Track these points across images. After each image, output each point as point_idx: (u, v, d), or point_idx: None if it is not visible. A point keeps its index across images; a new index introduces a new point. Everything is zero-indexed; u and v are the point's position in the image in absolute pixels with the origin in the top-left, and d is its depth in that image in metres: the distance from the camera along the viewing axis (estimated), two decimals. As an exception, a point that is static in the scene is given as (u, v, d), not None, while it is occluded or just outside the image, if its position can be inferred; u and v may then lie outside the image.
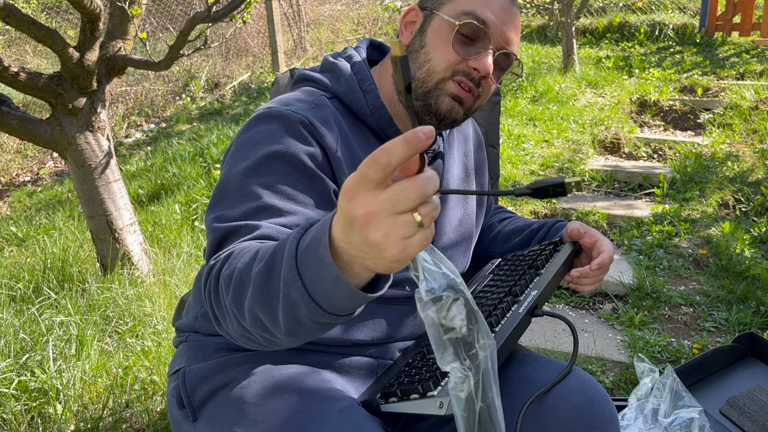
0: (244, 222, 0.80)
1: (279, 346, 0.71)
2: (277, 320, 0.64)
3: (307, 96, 0.97)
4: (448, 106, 0.95)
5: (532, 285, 0.99)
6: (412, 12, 1.00)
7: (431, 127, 0.50)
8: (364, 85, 0.99)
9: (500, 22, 0.94)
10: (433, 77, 0.94)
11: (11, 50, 6.87)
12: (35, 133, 2.35)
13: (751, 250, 2.67)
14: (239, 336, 0.72)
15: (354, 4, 7.95)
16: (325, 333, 0.68)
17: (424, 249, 0.57)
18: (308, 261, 0.59)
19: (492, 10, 0.93)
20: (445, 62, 0.93)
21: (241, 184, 0.85)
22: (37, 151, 5.25)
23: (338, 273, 0.57)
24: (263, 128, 0.90)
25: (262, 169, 0.85)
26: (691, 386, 1.61)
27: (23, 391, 1.79)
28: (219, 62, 6.39)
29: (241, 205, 0.83)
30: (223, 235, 0.81)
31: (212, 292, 0.73)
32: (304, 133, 0.89)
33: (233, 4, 2.36)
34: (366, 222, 0.52)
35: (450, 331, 0.58)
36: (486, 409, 0.60)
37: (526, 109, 4.68)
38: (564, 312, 2.39)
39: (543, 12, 6.66)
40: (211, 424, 0.89)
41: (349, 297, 0.59)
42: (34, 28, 2.08)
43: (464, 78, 0.93)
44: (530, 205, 3.29)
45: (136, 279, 2.49)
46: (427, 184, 0.51)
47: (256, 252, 0.68)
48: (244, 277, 0.67)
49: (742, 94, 4.37)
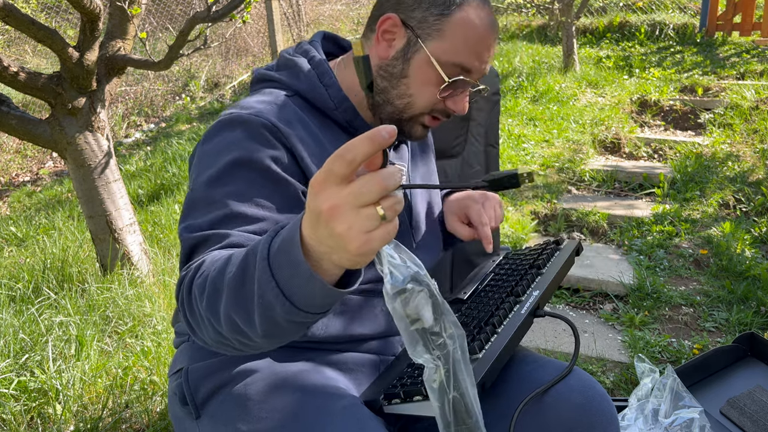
0: (213, 231, 0.80)
1: (255, 349, 0.72)
2: (253, 323, 0.65)
3: (268, 97, 0.96)
4: (420, 133, 1.00)
5: (533, 285, 0.99)
6: (389, 21, 0.94)
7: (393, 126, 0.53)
8: (324, 80, 0.98)
9: (483, 63, 0.95)
10: (410, 112, 0.97)
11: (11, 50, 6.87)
12: (35, 133, 2.35)
13: (751, 250, 2.66)
14: (215, 342, 0.73)
15: (354, 4, 7.95)
16: (301, 333, 0.69)
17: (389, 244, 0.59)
18: (281, 261, 0.61)
19: (479, 53, 0.94)
20: (425, 102, 0.96)
21: (208, 194, 0.84)
22: (37, 151, 5.25)
23: (310, 271, 0.58)
24: (226, 135, 0.89)
25: (226, 177, 0.85)
26: (692, 386, 1.61)
27: (23, 391, 1.79)
28: (219, 62, 6.39)
29: (209, 214, 0.83)
30: (193, 245, 0.81)
31: (185, 302, 0.74)
32: (268, 136, 0.88)
33: (233, 4, 2.35)
34: (330, 215, 0.54)
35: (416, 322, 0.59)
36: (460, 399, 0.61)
37: (526, 109, 4.68)
38: (564, 312, 2.39)
39: (543, 12, 6.65)
40: (214, 421, 0.90)
41: (323, 294, 0.60)
42: (34, 28, 2.08)
43: (440, 114, 0.98)
44: (530, 205, 3.29)
45: (136, 279, 2.49)
46: (390, 179, 0.54)
47: (228, 258, 0.69)
48: (218, 283, 0.68)
49: (742, 94, 4.37)
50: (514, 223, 3.02)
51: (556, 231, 3.12)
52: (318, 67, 0.99)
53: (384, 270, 0.59)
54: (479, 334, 0.87)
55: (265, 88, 1.01)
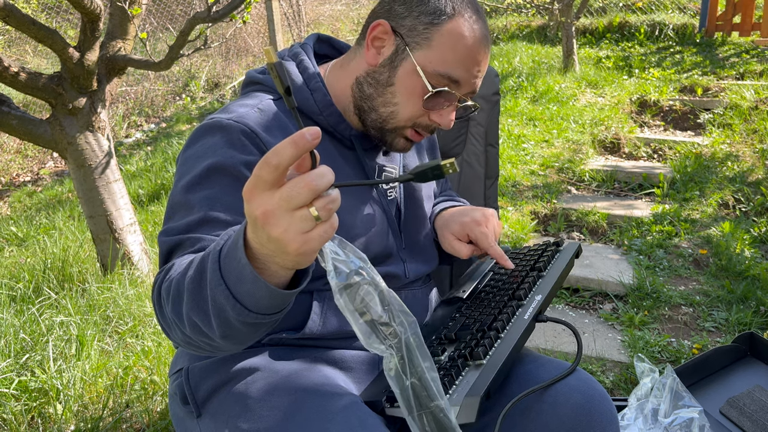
0: (187, 235, 0.82)
1: (220, 350, 0.74)
2: (211, 325, 0.67)
3: (253, 101, 0.97)
4: (402, 146, 0.99)
5: (535, 289, 0.99)
6: (379, 28, 0.94)
7: (317, 128, 0.53)
8: (310, 84, 0.98)
9: (473, 75, 0.94)
10: (394, 122, 0.96)
11: (11, 50, 6.87)
12: (35, 133, 2.35)
13: (751, 250, 2.67)
14: (184, 343, 0.75)
15: (354, 4, 7.95)
16: (260, 335, 0.71)
17: (332, 241, 0.61)
18: (229, 264, 0.62)
19: (468, 65, 0.92)
20: (409, 113, 0.95)
21: (185, 199, 0.87)
22: (37, 151, 5.25)
23: (255, 273, 0.60)
24: (206, 141, 0.91)
25: (203, 182, 0.87)
26: (691, 386, 1.61)
27: (23, 391, 1.79)
28: (219, 62, 6.39)
29: (184, 218, 0.85)
30: (168, 249, 0.83)
31: (156, 304, 0.76)
32: (245, 142, 0.89)
33: (233, 4, 2.36)
34: (265, 221, 0.55)
35: (364, 314, 0.60)
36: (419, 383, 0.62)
37: (526, 109, 4.68)
38: (564, 312, 2.39)
39: (543, 12, 6.66)
40: (215, 420, 0.90)
41: (269, 295, 0.62)
42: (34, 28, 2.08)
43: (423, 129, 0.97)
44: (530, 205, 3.29)
45: (136, 279, 2.49)
46: (320, 179, 0.54)
47: (191, 262, 0.71)
48: (180, 286, 0.70)
49: (742, 94, 4.37)
50: (513, 223, 3.02)
51: (556, 231, 3.13)
52: (305, 71, 0.99)
53: (328, 267, 0.60)
54: (483, 339, 0.87)
55: (253, 91, 1.02)
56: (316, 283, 0.95)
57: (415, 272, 1.06)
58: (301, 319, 0.94)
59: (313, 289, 0.95)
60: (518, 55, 5.88)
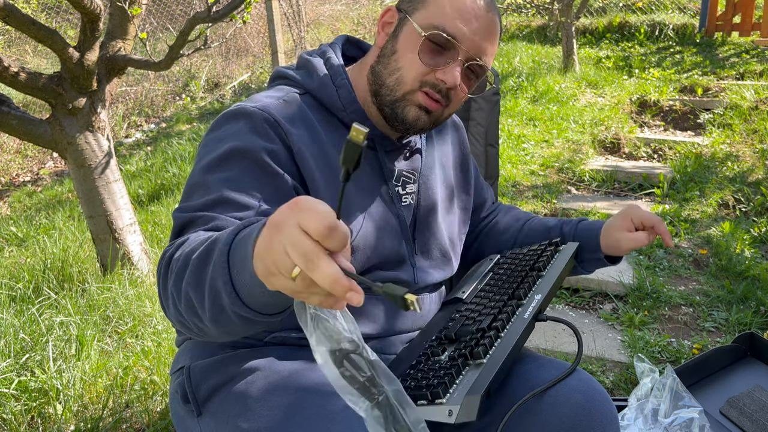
0: (201, 213, 0.83)
1: (210, 336, 0.74)
2: (204, 305, 0.67)
3: (277, 93, 0.99)
4: (415, 115, 0.96)
5: (535, 288, 0.99)
6: (389, 12, 0.99)
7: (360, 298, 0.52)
8: (336, 81, 1.00)
9: (471, 32, 0.93)
10: (402, 87, 0.95)
11: (11, 50, 6.87)
12: (35, 133, 2.35)
13: (751, 250, 2.67)
14: (176, 321, 0.75)
15: (354, 4, 7.95)
16: (250, 332, 0.71)
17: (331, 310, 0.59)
18: (238, 252, 0.62)
19: (464, 20, 0.92)
20: (413, 73, 0.94)
21: (203, 179, 0.88)
22: (37, 151, 5.25)
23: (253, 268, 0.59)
24: (230, 126, 0.92)
25: (223, 164, 0.88)
26: (691, 386, 1.61)
27: (23, 391, 1.79)
28: (219, 62, 6.39)
29: (201, 197, 0.86)
30: (181, 225, 0.84)
31: (162, 276, 0.76)
32: (268, 130, 0.90)
33: (233, 4, 2.36)
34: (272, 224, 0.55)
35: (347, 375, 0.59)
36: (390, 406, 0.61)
37: (526, 109, 4.68)
38: (564, 312, 2.39)
39: (543, 12, 6.66)
40: (215, 419, 0.90)
41: (262, 293, 0.61)
42: (34, 28, 2.08)
43: (431, 89, 0.94)
44: (530, 205, 3.29)
45: (136, 279, 2.49)
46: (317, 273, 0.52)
47: (204, 239, 0.71)
48: (187, 261, 0.70)
49: (742, 94, 4.37)
50: (513, 223, 3.02)
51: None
52: (332, 68, 1.01)
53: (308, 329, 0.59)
54: (483, 338, 0.87)
55: (279, 84, 1.04)
56: None
57: (424, 279, 1.05)
58: None
59: None
60: (518, 55, 5.88)
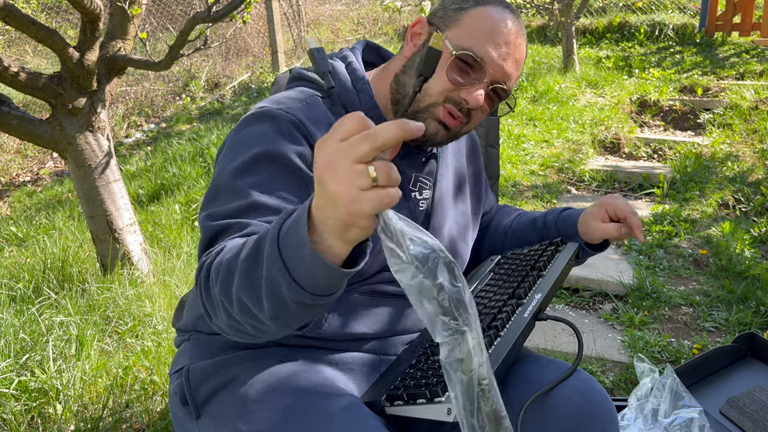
0: (235, 220, 0.82)
1: (268, 334, 0.73)
2: (262, 305, 0.66)
3: (300, 95, 0.99)
4: (434, 129, 0.97)
5: (535, 287, 0.99)
6: (419, 24, 1.01)
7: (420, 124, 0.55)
8: (357, 85, 1.01)
9: (500, 57, 0.94)
10: (426, 100, 0.95)
11: (11, 50, 6.87)
12: (35, 133, 2.35)
13: (751, 250, 2.67)
14: (228, 327, 0.74)
15: (354, 4, 7.95)
16: (310, 316, 0.71)
17: (404, 222, 0.57)
18: (289, 240, 0.62)
19: (494, 45, 0.94)
20: (439, 88, 0.94)
21: (232, 184, 0.87)
22: (37, 151, 5.25)
23: (313, 250, 0.60)
24: (255, 128, 0.92)
25: (252, 168, 0.88)
26: (691, 386, 1.61)
27: (23, 391, 1.79)
28: (219, 62, 6.39)
29: (232, 203, 0.85)
30: (214, 233, 0.84)
31: (203, 286, 0.75)
32: (294, 132, 0.91)
33: (233, 4, 2.36)
34: (323, 171, 0.56)
35: (441, 291, 0.55)
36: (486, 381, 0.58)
37: (526, 109, 4.68)
38: (564, 312, 2.39)
39: (543, 12, 6.65)
40: (214, 421, 0.90)
41: (326, 274, 0.61)
42: (34, 28, 2.08)
43: (454, 107, 0.95)
44: (530, 205, 3.29)
45: (136, 279, 2.49)
46: (382, 133, 0.55)
47: (244, 243, 0.71)
48: (232, 266, 0.70)
49: (742, 94, 4.37)
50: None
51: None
52: (353, 72, 1.02)
53: (400, 242, 0.55)
54: (483, 336, 0.87)
55: (299, 86, 1.05)
56: None
57: None
58: None
59: None
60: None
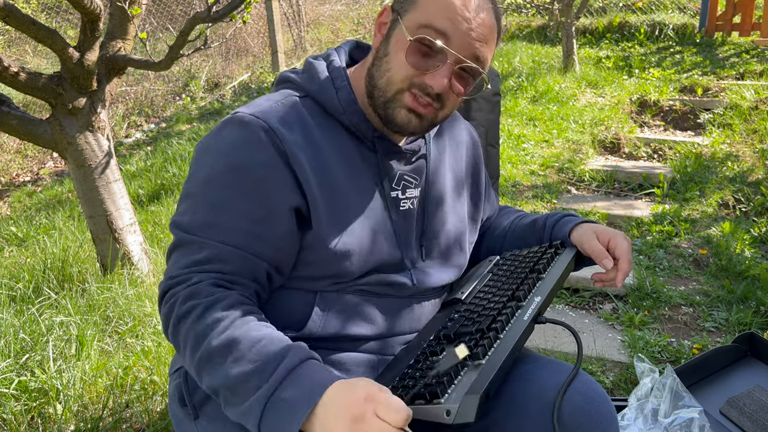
0: (191, 237, 0.89)
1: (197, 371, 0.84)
2: (223, 399, 0.79)
3: (278, 97, 0.99)
4: (404, 118, 0.94)
5: (534, 290, 0.98)
6: (384, 12, 0.97)
7: None
8: (336, 83, 0.99)
9: (462, 34, 0.90)
10: (391, 88, 0.93)
11: (11, 50, 6.87)
12: (35, 133, 2.35)
13: (751, 250, 2.67)
14: (175, 346, 0.87)
15: (354, 4, 7.95)
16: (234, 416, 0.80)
17: None
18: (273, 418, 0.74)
19: (453, 20, 0.89)
20: (401, 74, 0.91)
21: (200, 193, 0.91)
22: (37, 151, 5.25)
23: None
24: (227, 134, 0.93)
25: (218, 181, 0.90)
26: (691, 386, 1.61)
27: (23, 391, 1.79)
28: (219, 62, 6.39)
29: (195, 215, 0.90)
30: (178, 242, 0.90)
31: (171, 327, 0.85)
32: (264, 139, 0.90)
33: (233, 4, 2.36)
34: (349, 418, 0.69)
35: None
36: None
37: (526, 109, 4.68)
38: (564, 312, 2.39)
39: (543, 12, 6.66)
40: (212, 422, 0.90)
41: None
42: (34, 28, 2.08)
43: (420, 92, 0.92)
44: (530, 205, 3.29)
45: (136, 279, 2.49)
46: None
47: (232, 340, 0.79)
48: (215, 361, 0.79)
49: (742, 94, 4.37)
50: (513, 223, 3.02)
51: (556, 231, 3.12)
52: (333, 71, 1.01)
53: None
54: (482, 339, 0.87)
55: (282, 88, 1.04)
56: (320, 282, 0.94)
57: (428, 282, 1.04)
58: (302, 318, 0.94)
59: (317, 289, 0.95)
60: (518, 55, 5.88)
